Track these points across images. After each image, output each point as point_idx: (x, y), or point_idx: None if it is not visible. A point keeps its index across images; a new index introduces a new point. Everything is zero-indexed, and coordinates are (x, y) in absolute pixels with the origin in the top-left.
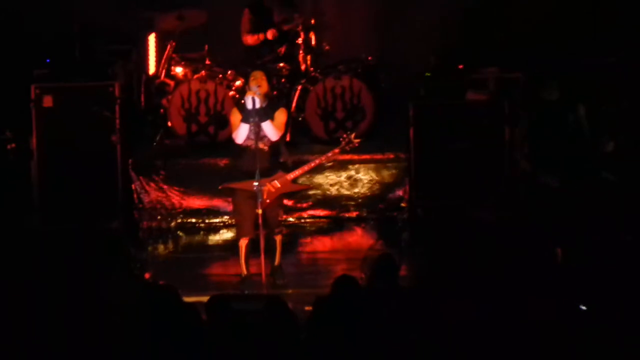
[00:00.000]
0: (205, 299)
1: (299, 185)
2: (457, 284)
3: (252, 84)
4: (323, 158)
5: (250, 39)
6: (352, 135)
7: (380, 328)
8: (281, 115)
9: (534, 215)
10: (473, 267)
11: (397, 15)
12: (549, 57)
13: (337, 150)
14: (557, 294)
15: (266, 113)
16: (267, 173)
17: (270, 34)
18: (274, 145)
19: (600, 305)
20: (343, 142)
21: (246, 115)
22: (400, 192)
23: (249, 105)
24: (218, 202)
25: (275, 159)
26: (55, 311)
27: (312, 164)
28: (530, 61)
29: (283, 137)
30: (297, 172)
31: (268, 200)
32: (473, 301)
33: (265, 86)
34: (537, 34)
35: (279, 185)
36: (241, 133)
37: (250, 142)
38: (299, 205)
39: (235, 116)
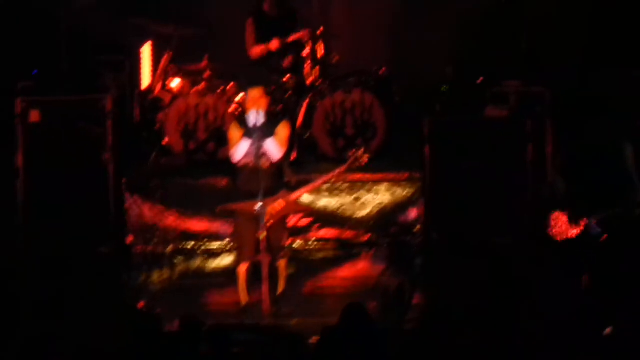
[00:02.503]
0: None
1: (303, 206)
2: (474, 314)
3: (250, 105)
4: (329, 176)
5: (256, 51)
6: (360, 152)
7: None
8: (284, 130)
9: (557, 240)
10: (492, 296)
11: (411, 24)
12: (579, 70)
13: (343, 168)
14: (583, 321)
15: (268, 130)
16: (269, 193)
17: (273, 45)
18: (275, 163)
19: (627, 333)
20: (350, 159)
21: (248, 131)
22: (413, 215)
23: (252, 121)
24: (218, 225)
25: (278, 177)
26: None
27: (318, 183)
28: (558, 75)
29: (287, 155)
30: (301, 192)
31: (270, 223)
32: (491, 332)
33: (264, 104)
34: (565, 44)
35: (281, 206)
36: (241, 150)
37: (249, 160)
38: (305, 228)
39: (234, 132)
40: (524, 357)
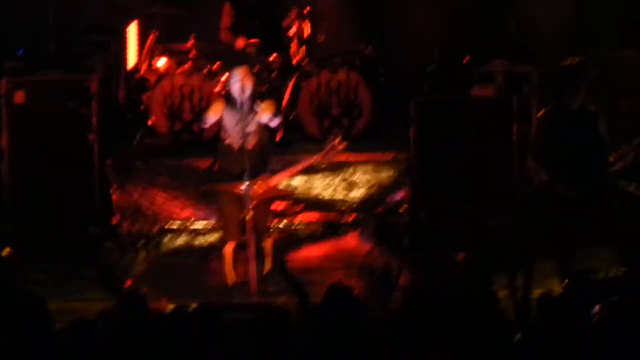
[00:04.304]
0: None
1: (283, 190)
2: (460, 296)
3: (234, 86)
4: (306, 163)
5: (226, 37)
6: (337, 140)
7: (379, 343)
8: (268, 105)
9: (544, 220)
10: (478, 276)
11: (397, 4)
12: (566, 50)
13: (322, 154)
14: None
15: (253, 110)
16: (253, 174)
17: (241, 42)
18: (259, 144)
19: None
20: (327, 147)
21: (233, 111)
22: (400, 195)
23: (236, 101)
24: (203, 206)
25: (261, 159)
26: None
27: (295, 169)
28: (544, 55)
29: (272, 136)
30: (280, 176)
31: (254, 204)
32: (477, 314)
33: (249, 84)
34: (552, 25)
35: (261, 190)
36: (209, 120)
37: (232, 141)
38: (290, 208)
39: (217, 105)
40: (512, 338)
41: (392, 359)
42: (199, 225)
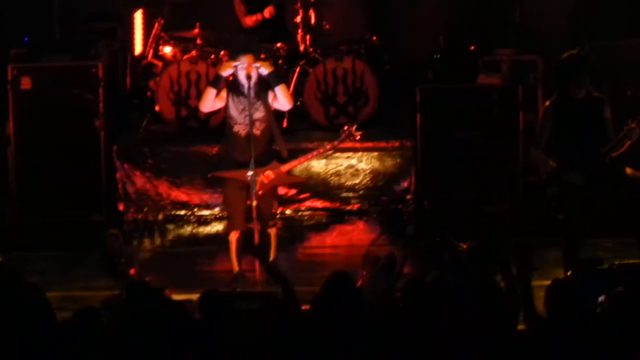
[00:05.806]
0: (195, 296)
1: (294, 177)
2: (465, 284)
3: (241, 74)
4: (321, 150)
5: (249, 21)
6: (354, 128)
7: (379, 332)
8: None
9: (551, 208)
10: (482, 264)
11: None
12: (571, 39)
13: (336, 143)
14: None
15: (259, 96)
16: (260, 162)
17: (267, 12)
18: (267, 132)
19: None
20: (343, 135)
21: (239, 98)
22: (405, 184)
23: (242, 88)
24: (209, 193)
25: (269, 146)
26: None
27: (310, 156)
28: (550, 44)
29: (279, 122)
30: (293, 164)
31: (260, 192)
32: (481, 303)
33: (257, 69)
34: (558, 13)
35: (272, 177)
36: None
37: (239, 128)
38: (295, 196)
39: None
40: (516, 327)
41: (394, 348)
42: (205, 213)
